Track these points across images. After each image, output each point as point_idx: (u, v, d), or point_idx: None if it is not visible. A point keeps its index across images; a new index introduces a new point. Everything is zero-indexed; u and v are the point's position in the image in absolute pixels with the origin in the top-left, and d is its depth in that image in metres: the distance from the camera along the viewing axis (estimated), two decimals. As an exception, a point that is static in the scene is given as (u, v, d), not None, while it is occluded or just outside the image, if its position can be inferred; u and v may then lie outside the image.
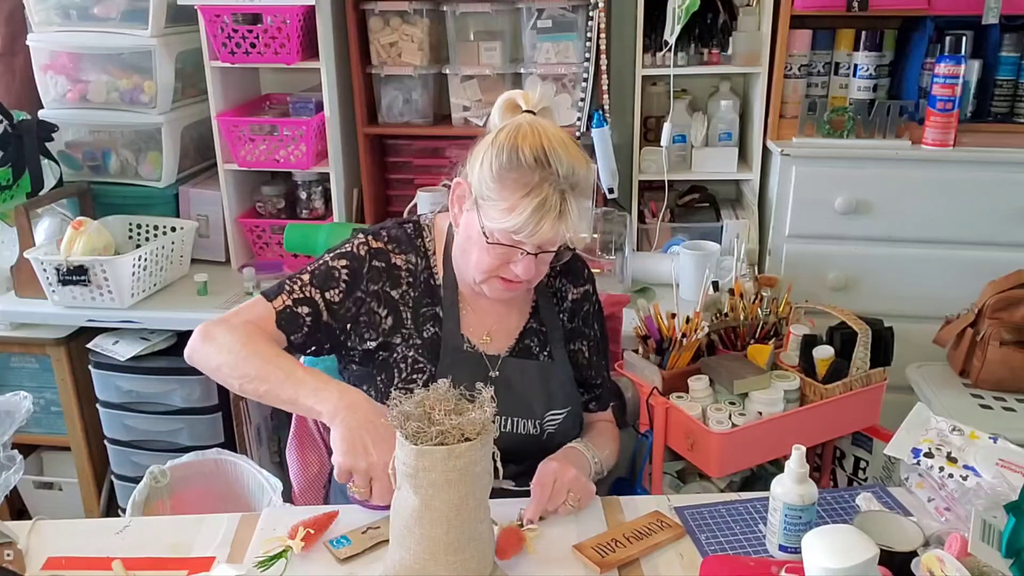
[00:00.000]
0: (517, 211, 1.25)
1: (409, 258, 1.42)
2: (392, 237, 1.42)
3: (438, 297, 1.42)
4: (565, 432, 1.46)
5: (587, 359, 1.53)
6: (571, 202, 1.26)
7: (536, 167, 1.25)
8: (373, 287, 1.39)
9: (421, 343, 1.40)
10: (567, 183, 1.26)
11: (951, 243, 2.25)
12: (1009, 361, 1.91)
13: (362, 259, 1.40)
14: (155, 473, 1.58)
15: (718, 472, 1.51)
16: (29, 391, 1.31)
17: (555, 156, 1.25)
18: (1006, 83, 2.27)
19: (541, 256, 1.33)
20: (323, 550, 1.23)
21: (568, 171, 1.26)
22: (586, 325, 1.53)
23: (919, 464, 1.32)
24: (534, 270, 1.32)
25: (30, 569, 1.22)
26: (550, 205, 1.25)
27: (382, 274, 1.40)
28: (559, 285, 1.51)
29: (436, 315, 1.42)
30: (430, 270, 1.43)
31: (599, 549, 1.22)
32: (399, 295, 1.41)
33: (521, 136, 1.27)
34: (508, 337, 1.46)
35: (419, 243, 1.43)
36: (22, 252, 2.22)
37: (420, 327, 1.41)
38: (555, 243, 1.32)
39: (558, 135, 1.29)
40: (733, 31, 2.35)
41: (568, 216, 1.27)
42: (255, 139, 2.36)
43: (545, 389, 1.44)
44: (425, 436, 1.06)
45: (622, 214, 2.34)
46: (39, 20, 2.35)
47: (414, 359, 1.39)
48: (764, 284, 2.11)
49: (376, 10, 2.37)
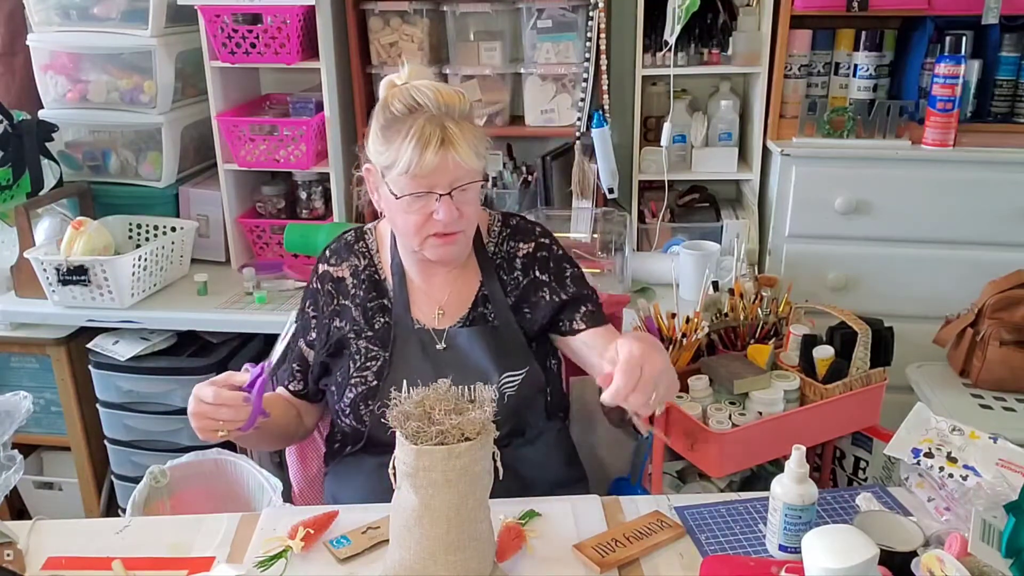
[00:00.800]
0: (402, 151, 1.30)
1: (351, 263, 1.52)
2: (333, 251, 1.55)
3: (384, 290, 1.50)
4: (524, 395, 1.47)
5: (557, 300, 1.50)
6: (451, 128, 1.31)
7: (408, 112, 1.32)
8: (329, 308, 1.51)
9: (373, 334, 1.47)
10: (441, 111, 1.32)
11: (951, 243, 2.25)
12: (1009, 361, 1.91)
13: (315, 291, 1.54)
14: (155, 473, 1.58)
15: (718, 472, 1.51)
16: (29, 391, 1.31)
17: (421, 95, 1.32)
18: (1006, 83, 2.27)
19: (458, 196, 1.35)
20: (323, 550, 1.23)
21: (438, 102, 1.32)
22: (543, 272, 1.51)
23: (919, 464, 1.32)
24: (455, 211, 1.34)
25: (30, 569, 1.22)
26: (428, 134, 1.29)
27: (331, 293, 1.52)
28: (507, 248, 1.53)
29: (384, 306, 1.49)
30: (374, 267, 1.52)
31: (599, 549, 1.22)
32: (348, 300, 1.51)
33: (390, 95, 1.35)
34: (460, 308, 1.50)
35: (359, 246, 1.53)
36: (22, 252, 2.22)
37: (370, 320, 1.48)
38: (454, 173, 1.33)
39: (426, 83, 1.35)
40: (733, 31, 2.35)
41: (453, 141, 1.30)
42: (255, 139, 2.36)
43: (496, 352, 1.45)
44: (425, 436, 1.06)
45: (622, 214, 2.34)
46: (39, 20, 2.35)
47: (367, 348, 1.46)
48: (764, 284, 2.11)
49: (376, 10, 2.37)
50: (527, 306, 1.51)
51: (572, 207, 2.38)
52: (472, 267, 1.52)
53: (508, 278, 1.51)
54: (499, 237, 1.53)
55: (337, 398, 1.49)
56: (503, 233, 1.53)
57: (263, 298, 2.24)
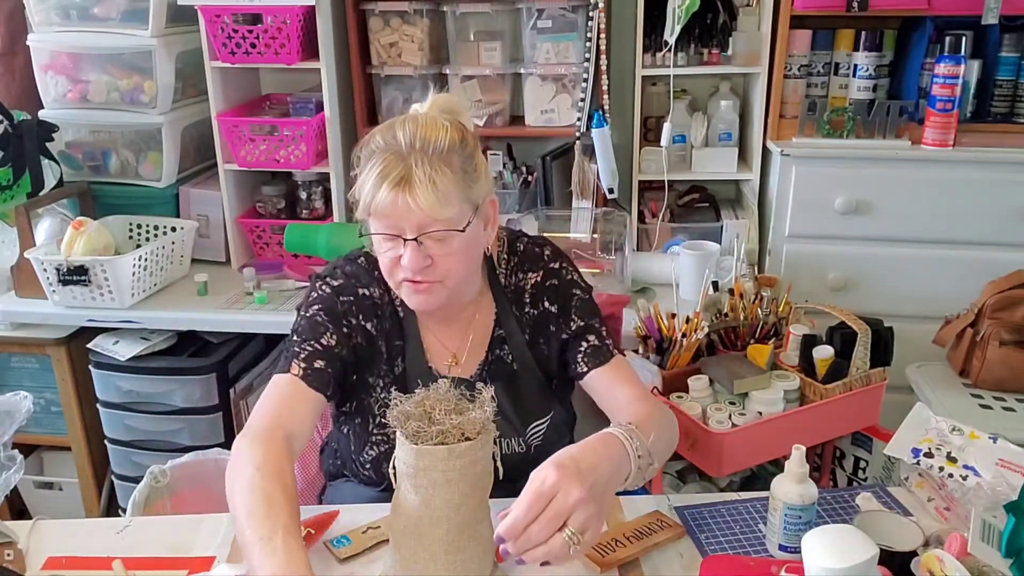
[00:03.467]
0: (365, 186, 1.22)
1: (371, 290, 1.36)
2: (348, 274, 1.37)
3: (401, 330, 1.37)
4: (550, 439, 1.40)
5: (564, 336, 1.40)
6: (416, 169, 1.19)
7: (384, 146, 1.23)
8: (352, 320, 1.34)
9: (392, 380, 1.36)
10: (411, 148, 1.20)
11: (951, 243, 2.25)
12: (1009, 361, 1.92)
13: (330, 298, 1.34)
14: (155, 473, 1.58)
15: (718, 472, 1.51)
16: (29, 391, 1.31)
17: (402, 129, 1.22)
18: (1006, 83, 2.27)
19: (432, 245, 1.23)
20: (323, 550, 1.23)
21: (412, 138, 1.20)
22: (552, 303, 1.40)
23: (919, 464, 1.32)
24: (422, 259, 1.22)
25: (30, 569, 1.22)
26: (389, 170, 1.19)
27: (353, 307, 1.35)
28: (516, 279, 1.42)
29: (402, 349, 1.37)
30: (392, 303, 1.38)
31: (599, 549, 1.22)
32: (372, 327, 1.36)
33: (380, 127, 1.26)
34: (478, 354, 1.40)
35: (376, 274, 1.34)
36: (22, 252, 2.22)
37: (392, 363, 1.37)
38: (418, 218, 1.20)
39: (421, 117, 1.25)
40: (733, 31, 2.35)
41: (411, 183, 1.18)
42: (255, 139, 2.36)
43: (518, 401, 1.38)
44: (425, 435, 1.06)
45: (622, 214, 2.34)
46: (39, 20, 2.35)
47: (386, 398, 1.29)
48: (764, 284, 2.11)
49: (376, 10, 2.37)
50: (542, 339, 1.41)
51: (572, 207, 2.38)
52: (487, 302, 1.41)
53: (521, 313, 1.41)
54: (507, 267, 1.42)
55: (355, 450, 1.41)
56: (511, 262, 1.42)
57: (263, 298, 2.24)
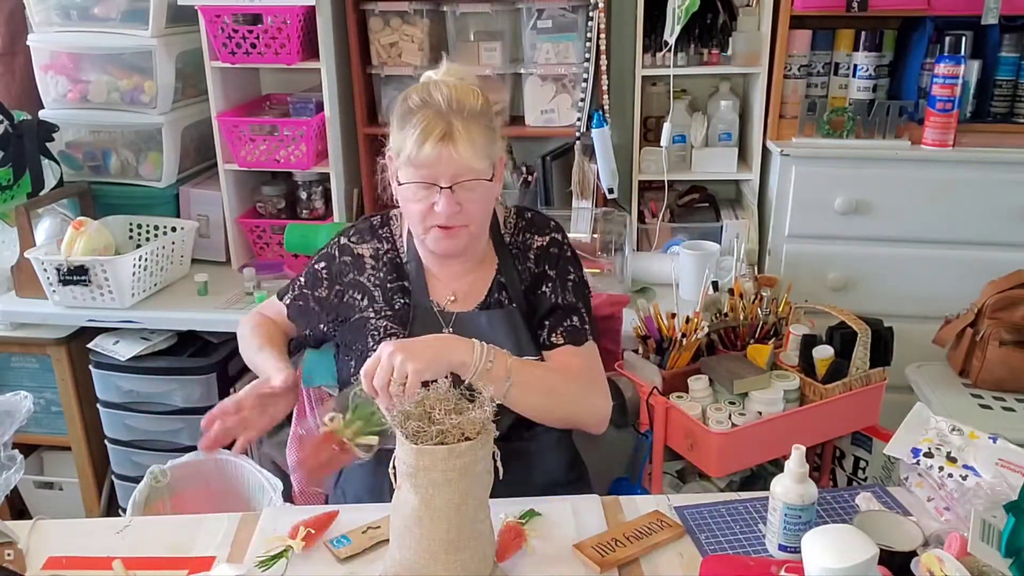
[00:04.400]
0: (407, 140, 1.36)
1: (373, 245, 1.57)
2: (357, 230, 1.60)
3: (404, 272, 1.55)
4: None
5: (553, 301, 1.51)
6: (456, 124, 1.35)
7: (422, 104, 1.38)
8: (346, 278, 1.57)
9: (392, 313, 1.52)
10: (449, 108, 1.36)
11: (951, 243, 2.25)
12: (1009, 361, 1.92)
13: (333, 257, 1.59)
14: (155, 473, 1.58)
15: (718, 472, 1.51)
16: (29, 391, 1.31)
17: (437, 90, 1.38)
18: (1006, 83, 2.27)
19: (461, 192, 1.38)
20: (323, 550, 1.24)
21: (449, 99, 1.37)
22: (552, 268, 1.54)
23: (919, 464, 1.32)
24: (455, 205, 1.38)
25: (30, 569, 1.22)
26: (431, 127, 1.35)
27: (350, 266, 1.57)
28: (523, 239, 1.56)
29: (404, 287, 1.54)
30: (396, 251, 1.57)
31: (599, 548, 1.22)
32: (366, 279, 1.56)
33: (411, 89, 1.42)
34: (476, 295, 1.53)
35: (384, 231, 1.58)
36: (23, 252, 2.22)
37: (390, 300, 1.53)
38: (455, 168, 1.36)
39: (450, 81, 1.41)
40: (733, 31, 2.35)
41: (454, 137, 1.35)
42: (255, 139, 2.36)
43: (512, 336, 1.48)
44: (425, 435, 1.06)
45: (622, 214, 2.34)
46: (39, 20, 2.35)
47: (386, 326, 1.50)
48: (764, 284, 2.11)
49: (376, 10, 2.37)
50: (534, 297, 1.53)
51: (572, 207, 2.38)
52: (489, 257, 1.55)
53: (523, 267, 1.54)
54: (514, 228, 1.56)
55: (354, 370, 1.47)
56: (519, 224, 1.57)
57: (263, 298, 2.23)
